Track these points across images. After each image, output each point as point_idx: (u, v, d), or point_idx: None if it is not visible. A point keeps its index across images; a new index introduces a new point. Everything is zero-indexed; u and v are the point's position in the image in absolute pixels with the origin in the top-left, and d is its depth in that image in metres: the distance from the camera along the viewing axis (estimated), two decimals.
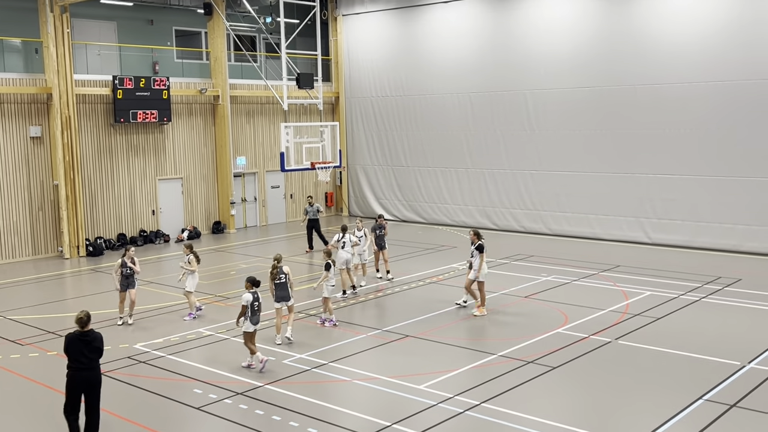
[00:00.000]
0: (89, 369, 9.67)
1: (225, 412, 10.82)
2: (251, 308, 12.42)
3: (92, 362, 9.69)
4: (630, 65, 23.62)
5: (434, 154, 29.00)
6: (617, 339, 13.90)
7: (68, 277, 21.29)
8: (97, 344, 9.72)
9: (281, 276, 13.82)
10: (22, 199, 23.09)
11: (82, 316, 9.70)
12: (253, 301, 12.45)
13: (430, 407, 10.84)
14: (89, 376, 9.68)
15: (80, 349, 9.61)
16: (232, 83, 28.11)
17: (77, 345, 9.62)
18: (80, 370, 9.63)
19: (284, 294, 13.85)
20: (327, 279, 15.02)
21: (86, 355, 9.63)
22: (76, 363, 9.63)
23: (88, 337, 9.67)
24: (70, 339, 9.69)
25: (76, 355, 9.61)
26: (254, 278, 12.70)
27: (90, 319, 9.75)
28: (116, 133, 25.20)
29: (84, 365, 9.63)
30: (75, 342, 9.64)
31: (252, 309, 12.43)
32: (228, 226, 28.12)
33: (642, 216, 23.96)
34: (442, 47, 28.25)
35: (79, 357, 9.60)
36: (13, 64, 23.26)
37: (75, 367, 9.64)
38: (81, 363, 9.63)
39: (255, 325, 12.51)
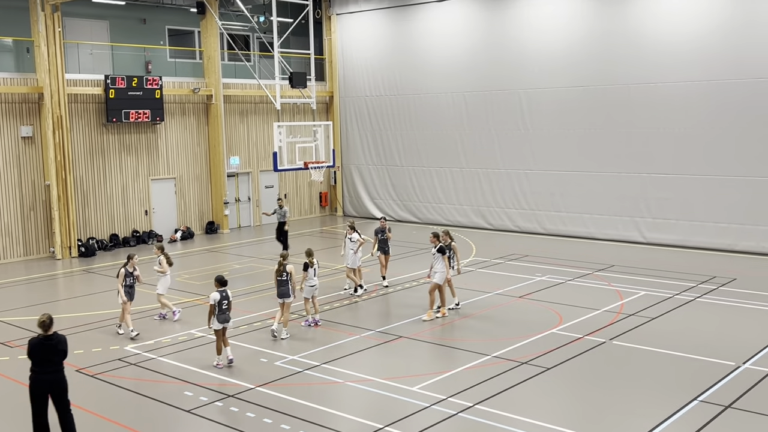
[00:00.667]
0: (54, 372, 9.53)
1: (216, 415, 10.70)
2: (219, 307, 12.51)
3: (57, 365, 9.54)
4: (624, 64, 23.57)
5: (429, 153, 28.91)
6: (612, 339, 13.83)
7: (60, 278, 21.14)
8: (62, 347, 9.56)
9: (284, 274, 14.14)
10: (13, 200, 22.93)
11: (45, 319, 9.51)
12: (221, 299, 12.53)
13: (423, 409, 10.74)
14: (54, 379, 9.54)
15: (45, 354, 9.46)
16: (226, 83, 27.97)
17: (41, 350, 9.45)
18: (45, 373, 9.49)
19: (285, 291, 14.16)
20: (306, 279, 14.94)
21: (51, 359, 9.49)
22: (41, 367, 9.47)
23: (52, 340, 9.49)
24: (34, 344, 9.48)
25: (42, 359, 9.46)
26: (222, 277, 12.78)
27: (53, 322, 9.56)
28: (108, 133, 25.05)
29: (49, 369, 9.49)
30: (39, 346, 9.46)
31: (220, 307, 12.52)
32: (221, 226, 27.99)
33: (637, 215, 23.91)
34: (437, 46, 28.16)
35: (44, 362, 9.46)
36: (4, 63, 23.11)
37: (39, 371, 9.48)
38: (46, 367, 9.48)
39: (223, 324, 12.57)
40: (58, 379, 9.55)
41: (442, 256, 15.39)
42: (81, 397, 11.51)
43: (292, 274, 14.24)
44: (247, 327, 15.17)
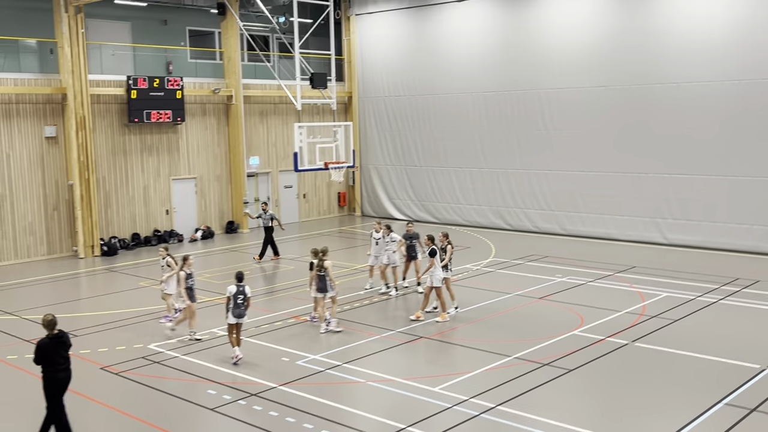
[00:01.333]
0: (66, 369, 9.80)
1: (239, 414, 10.78)
2: (234, 301, 12.83)
3: (67, 362, 9.81)
4: (646, 63, 23.41)
5: (447, 153, 28.89)
6: (634, 341, 13.76)
7: (83, 276, 21.36)
8: (69, 343, 9.89)
9: (322, 269, 14.55)
10: (37, 199, 23.18)
11: (51, 318, 9.73)
12: (236, 293, 12.88)
13: (445, 410, 10.75)
14: (67, 375, 9.81)
15: (57, 351, 9.69)
16: (246, 83, 28.12)
17: (52, 348, 9.67)
18: (59, 371, 9.72)
19: (323, 286, 14.55)
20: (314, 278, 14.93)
21: (62, 355, 9.75)
22: (55, 365, 9.68)
23: (61, 337, 9.76)
24: (44, 344, 9.68)
25: (55, 358, 9.67)
26: (240, 273, 13.28)
27: (55, 320, 9.78)
28: (130, 133, 25.26)
29: (62, 366, 9.74)
30: (50, 346, 9.67)
31: (235, 302, 12.84)
32: (241, 225, 28.13)
33: (658, 216, 23.76)
34: (456, 46, 28.14)
35: (56, 359, 9.67)
36: (29, 64, 23.37)
37: (54, 370, 9.69)
38: (59, 364, 9.71)
39: (237, 318, 12.90)
40: (69, 374, 9.85)
41: (431, 258, 15.29)
42: (106, 395, 11.67)
43: (330, 270, 14.60)
44: (268, 326, 15.25)
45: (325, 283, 14.58)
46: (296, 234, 27.66)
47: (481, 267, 20.74)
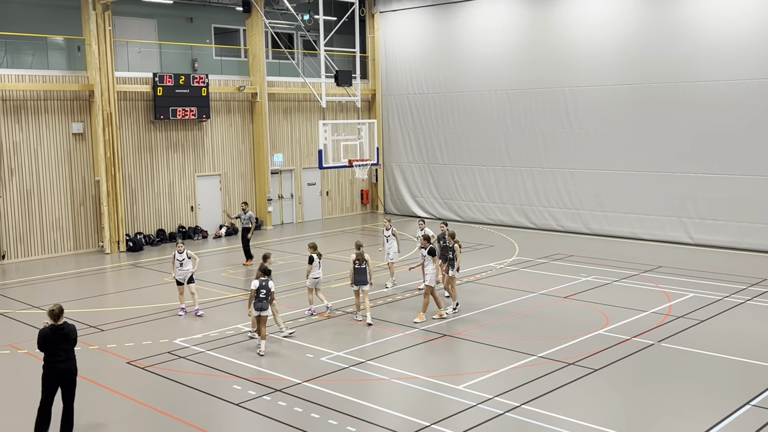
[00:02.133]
0: (67, 360, 9.78)
1: (264, 409, 10.84)
2: (257, 294, 13.15)
3: (69, 353, 9.80)
4: (673, 61, 23.17)
5: (471, 151, 28.81)
6: (660, 341, 13.63)
7: (109, 271, 21.59)
8: (73, 335, 9.85)
9: (364, 262, 14.98)
10: (64, 195, 23.47)
11: (55, 308, 9.78)
12: (259, 287, 13.17)
13: (469, 408, 10.73)
14: (67, 367, 9.79)
15: (57, 342, 9.71)
16: (270, 80, 28.24)
17: (53, 338, 9.71)
18: (59, 362, 9.73)
19: (363, 279, 14.99)
20: (311, 270, 15.38)
21: (63, 348, 9.74)
22: (54, 357, 9.71)
23: (63, 329, 9.76)
24: (45, 333, 9.75)
25: (54, 348, 9.71)
26: (265, 267, 13.64)
27: (63, 311, 9.85)
28: (156, 130, 25.48)
29: (62, 358, 9.74)
30: (50, 336, 9.72)
31: (257, 295, 13.16)
32: (265, 222, 28.27)
33: (684, 216, 23.51)
34: (480, 43, 28.03)
35: (56, 350, 9.71)
36: (57, 61, 23.65)
37: (53, 361, 9.72)
38: (59, 356, 9.73)
39: (258, 311, 13.20)
40: (70, 367, 9.82)
41: (432, 258, 15.16)
42: (132, 389, 11.79)
43: (370, 262, 15.04)
44: (292, 322, 15.30)
45: (365, 275, 14.99)
46: (319, 231, 27.73)
47: (504, 265, 20.66)
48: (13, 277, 20.51)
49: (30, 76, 22.57)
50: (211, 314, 16.16)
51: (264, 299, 13.20)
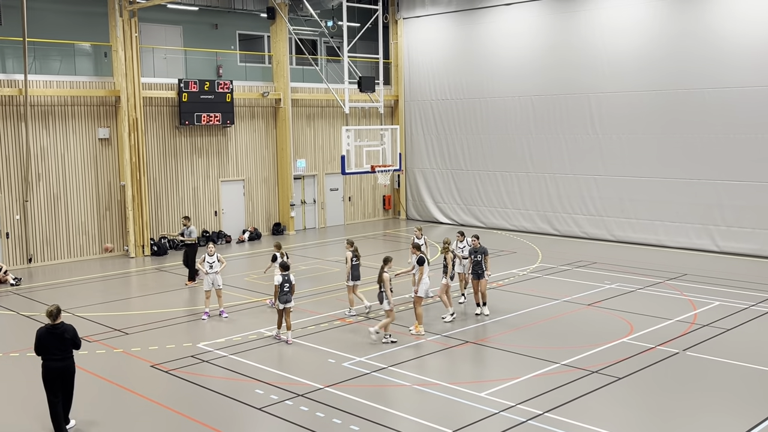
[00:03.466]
0: (62, 360, 10.06)
1: (286, 414, 10.87)
2: (281, 289, 14.00)
3: (65, 353, 10.07)
4: (698, 67, 22.95)
5: (494, 157, 28.72)
6: (685, 350, 13.48)
7: (134, 275, 21.79)
8: (68, 335, 10.07)
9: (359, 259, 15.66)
10: (90, 199, 23.75)
11: (53, 309, 10.07)
12: (283, 282, 14.02)
13: (491, 415, 10.68)
14: (63, 366, 10.07)
15: (52, 342, 9.99)
16: (294, 86, 28.39)
17: (49, 338, 10.00)
18: (52, 361, 10.02)
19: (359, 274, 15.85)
20: (273, 268, 16.04)
21: (58, 347, 10.01)
22: (50, 356, 10.01)
23: (58, 329, 10.03)
24: (41, 333, 10.06)
25: (49, 348, 10.00)
26: (285, 263, 14.50)
27: (60, 312, 10.12)
28: (181, 136, 25.72)
29: (57, 357, 10.02)
30: (46, 335, 10.02)
31: (282, 290, 13.99)
32: (288, 227, 28.40)
33: (710, 223, 23.25)
34: (504, 49, 27.97)
35: (52, 350, 9.99)
36: (84, 67, 23.97)
37: (49, 359, 10.03)
38: (55, 355, 10.01)
39: (284, 304, 14.03)
40: (67, 365, 10.12)
41: (420, 267, 14.73)
42: (156, 392, 11.88)
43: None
44: (314, 327, 15.35)
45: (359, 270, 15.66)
46: (341, 236, 27.78)
47: (527, 272, 20.56)
48: (40, 280, 20.79)
49: (58, 81, 22.90)
50: (234, 318, 16.25)
51: (288, 293, 14.05)
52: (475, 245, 15.97)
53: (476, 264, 15.85)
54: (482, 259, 15.78)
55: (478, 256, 15.85)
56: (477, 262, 15.81)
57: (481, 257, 15.81)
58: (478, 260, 15.81)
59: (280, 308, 14.14)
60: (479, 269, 15.82)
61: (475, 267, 15.88)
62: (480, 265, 15.79)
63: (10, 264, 21.92)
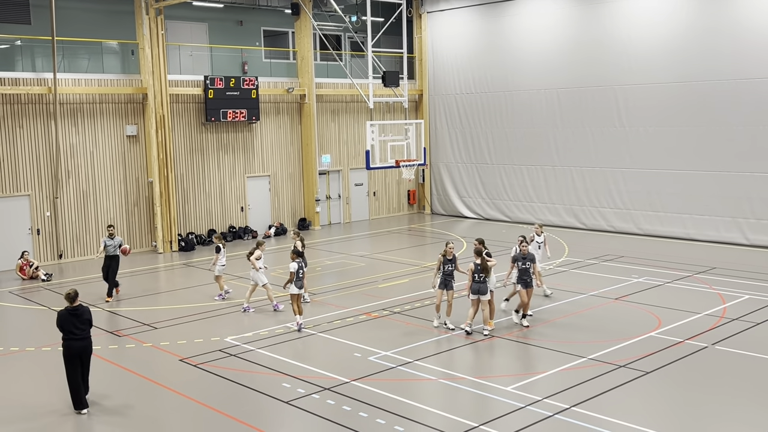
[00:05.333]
0: (82, 339, 10.92)
1: (313, 407, 10.95)
2: (297, 275, 14.63)
3: (84, 332, 10.95)
4: (726, 59, 22.63)
5: (520, 151, 28.57)
6: (714, 344, 13.34)
7: (161, 271, 22.04)
8: (86, 316, 11.00)
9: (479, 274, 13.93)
10: (118, 196, 24.05)
11: (71, 292, 11.03)
12: (298, 269, 14.68)
13: (518, 409, 10.66)
14: (82, 345, 10.93)
15: (72, 322, 10.87)
16: (318, 82, 28.47)
17: (69, 319, 10.89)
18: (74, 340, 10.87)
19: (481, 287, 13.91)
20: (218, 260, 17.18)
21: (78, 327, 10.90)
22: (70, 335, 10.88)
23: (77, 311, 10.95)
24: (62, 314, 10.95)
25: (69, 327, 10.87)
26: (297, 250, 15.21)
27: (78, 295, 11.06)
28: (207, 132, 25.92)
29: (77, 336, 10.88)
30: (66, 317, 10.92)
31: (297, 276, 14.63)
32: (313, 222, 28.52)
33: (740, 216, 22.94)
34: (529, 42, 27.79)
35: (72, 329, 10.87)
36: (111, 65, 24.25)
37: (69, 339, 10.87)
38: (74, 334, 10.87)
39: (299, 290, 14.79)
40: (86, 345, 11.00)
41: None
42: (185, 386, 12.03)
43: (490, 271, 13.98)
44: (340, 322, 15.42)
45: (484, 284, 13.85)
46: (366, 231, 27.86)
47: (554, 266, 20.45)
48: (70, 275, 21.10)
49: (86, 79, 23.19)
50: (261, 313, 16.38)
51: (302, 278, 14.85)
52: (524, 251, 14.71)
53: (523, 271, 14.54)
54: (530, 267, 14.57)
55: (526, 262, 14.56)
56: (524, 269, 14.55)
57: (529, 264, 14.54)
58: (525, 267, 14.54)
59: (294, 293, 14.73)
60: (527, 277, 14.53)
61: (522, 275, 14.56)
62: (527, 272, 14.54)
63: (41, 260, 22.29)
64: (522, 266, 14.55)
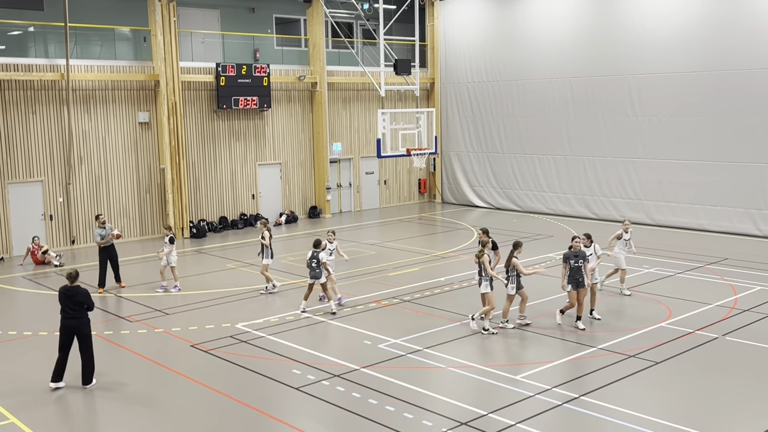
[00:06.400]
0: (73, 318, 11.22)
1: (323, 394, 11.00)
2: (309, 265, 14.92)
3: (76, 313, 11.22)
4: (741, 48, 22.41)
5: (531, 140, 28.47)
6: (725, 335, 13.30)
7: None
8: (78, 298, 11.21)
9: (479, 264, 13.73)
10: (130, 182, 24.16)
11: (72, 272, 11.37)
12: (311, 258, 14.90)
13: (527, 398, 10.68)
14: (73, 324, 11.23)
15: (65, 301, 11.24)
16: (330, 70, 28.43)
17: (62, 298, 11.30)
18: (66, 318, 11.28)
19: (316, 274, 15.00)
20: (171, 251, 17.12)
21: (71, 307, 11.20)
22: (63, 313, 11.31)
23: (70, 291, 11.23)
24: (59, 292, 11.37)
25: (63, 306, 11.28)
26: (317, 240, 15.17)
27: (77, 276, 11.37)
28: (219, 119, 25.96)
29: (69, 315, 11.23)
30: (61, 295, 11.33)
31: (309, 265, 14.91)
32: (324, 210, 28.56)
33: (752, 207, 22.79)
34: (542, 31, 27.63)
35: (65, 308, 11.26)
36: (123, 52, 24.31)
37: (62, 316, 11.32)
38: (66, 313, 11.26)
39: (313, 279, 14.95)
40: (77, 324, 11.25)
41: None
42: (196, 371, 12.12)
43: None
44: (350, 309, 15.47)
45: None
46: (377, 220, 27.88)
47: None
48: (82, 261, 21.24)
49: (98, 66, 23.26)
50: (271, 300, 16.46)
51: (316, 268, 14.84)
52: (575, 249, 13.79)
53: (575, 270, 13.66)
54: (582, 265, 13.71)
55: (579, 261, 13.70)
56: (576, 268, 13.67)
57: (581, 263, 13.69)
58: (578, 266, 13.66)
59: (311, 282, 15.02)
60: (579, 276, 13.67)
61: (574, 274, 13.69)
62: (579, 271, 13.67)
63: (54, 245, 22.45)
64: (574, 265, 13.69)
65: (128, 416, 10.51)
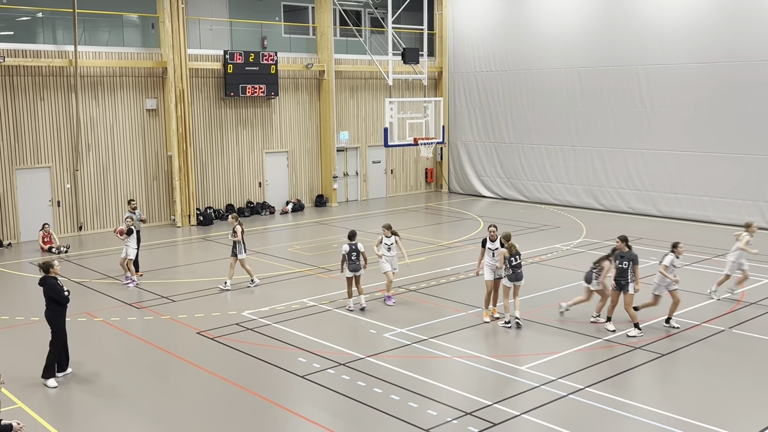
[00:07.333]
0: (48, 309, 11.27)
1: (328, 382, 11.04)
2: (348, 257, 14.25)
3: (47, 304, 11.23)
4: (753, 41, 22.23)
5: (539, 130, 28.37)
6: (731, 328, 13.27)
7: (180, 244, 22.20)
8: (46, 290, 11.19)
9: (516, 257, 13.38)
10: (138, 169, 24.19)
11: (42, 263, 11.28)
12: (350, 251, 14.28)
13: (532, 389, 10.69)
14: (49, 315, 11.27)
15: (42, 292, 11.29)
16: (338, 58, 28.35)
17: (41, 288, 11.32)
18: (46, 309, 11.30)
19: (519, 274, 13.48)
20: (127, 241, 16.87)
21: (44, 297, 11.28)
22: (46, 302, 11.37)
23: (40, 283, 11.23)
24: None
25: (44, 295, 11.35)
26: (352, 232, 14.63)
27: (48, 267, 11.16)
28: (226, 107, 25.95)
29: (46, 306, 11.27)
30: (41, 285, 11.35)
31: (349, 258, 14.25)
32: (330, 199, 28.56)
33: (761, 199, 22.69)
34: (551, 20, 27.47)
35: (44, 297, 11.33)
36: (132, 39, 24.29)
37: None
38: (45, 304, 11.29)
39: (353, 272, 14.37)
40: (46, 315, 11.31)
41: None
42: (201, 358, 12.16)
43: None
44: (355, 298, 15.45)
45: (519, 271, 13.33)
46: (383, 209, 27.86)
47: (571, 247, 20.37)
48: (90, 248, 21.32)
49: (107, 52, 23.25)
50: (277, 288, 16.48)
51: (356, 260, 14.32)
52: (621, 248, 13.03)
53: (621, 272, 12.90)
54: (630, 267, 12.85)
55: (625, 262, 12.87)
56: (622, 269, 12.90)
57: (628, 264, 12.83)
58: (624, 267, 12.86)
59: (348, 276, 14.43)
60: (622, 279, 12.89)
61: (619, 276, 12.93)
62: (625, 273, 12.85)
63: (61, 232, 22.52)
64: (620, 266, 12.92)
65: (133, 402, 10.56)
